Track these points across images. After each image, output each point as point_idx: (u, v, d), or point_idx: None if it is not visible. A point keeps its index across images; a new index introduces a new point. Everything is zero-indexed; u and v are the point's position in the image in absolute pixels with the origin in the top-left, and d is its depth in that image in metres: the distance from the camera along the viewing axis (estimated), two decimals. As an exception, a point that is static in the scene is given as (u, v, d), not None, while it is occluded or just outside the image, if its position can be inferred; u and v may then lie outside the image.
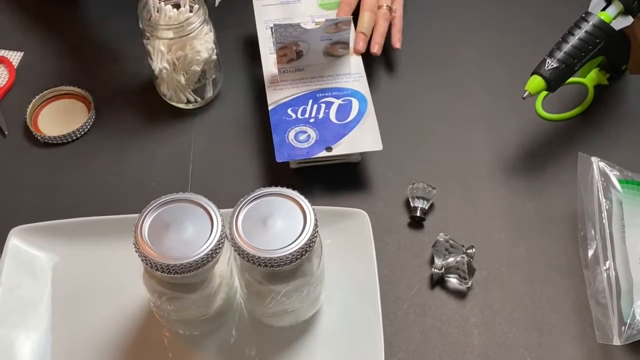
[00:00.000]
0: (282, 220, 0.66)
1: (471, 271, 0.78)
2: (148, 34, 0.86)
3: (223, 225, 0.67)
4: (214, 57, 0.90)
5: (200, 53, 0.87)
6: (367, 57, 0.92)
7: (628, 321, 0.73)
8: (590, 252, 0.78)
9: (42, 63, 0.99)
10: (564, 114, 0.92)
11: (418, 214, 0.83)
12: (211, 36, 0.89)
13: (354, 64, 0.90)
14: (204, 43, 0.88)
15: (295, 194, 0.68)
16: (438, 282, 0.79)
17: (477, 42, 0.99)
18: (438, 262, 0.79)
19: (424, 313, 0.77)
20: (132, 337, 0.75)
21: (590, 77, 0.94)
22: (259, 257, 0.64)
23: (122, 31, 0.99)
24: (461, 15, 1.02)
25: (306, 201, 0.67)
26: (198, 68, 0.88)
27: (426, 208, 0.83)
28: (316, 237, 0.67)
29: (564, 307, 0.77)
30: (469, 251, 0.79)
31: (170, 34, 0.85)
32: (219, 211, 0.67)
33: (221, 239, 0.66)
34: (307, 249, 0.66)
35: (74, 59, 0.99)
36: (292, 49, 0.89)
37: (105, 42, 1.00)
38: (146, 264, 0.65)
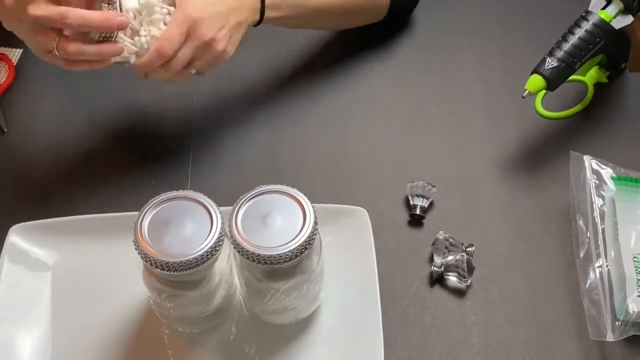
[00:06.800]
0: (282, 217, 0.66)
1: (470, 269, 0.78)
2: None
3: (222, 223, 0.67)
4: None
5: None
6: (363, 58, 0.92)
7: (621, 317, 0.73)
8: (583, 251, 0.78)
9: (42, 60, 0.98)
10: (564, 112, 0.92)
11: (418, 212, 0.83)
12: None
13: None
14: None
15: (294, 191, 0.68)
16: (437, 280, 0.79)
17: (477, 40, 0.99)
18: (437, 260, 0.79)
19: (424, 311, 0.77)
20: (131, 335, 0.75)
21: (590, 75, 0.94)
22: (258, 255, 0.64)
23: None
24: (461, 13, 1.02)
25: (306, 198, 0.68)
26: None
27: (426, 206, 0.83)
28: (316, 234, 0.67)
29: (562, 304, 0.77)
30: (468, 249, 0.79)
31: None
32: (218, 209, 0.67)
33: (221, 237, 0.66)
34: (307, 246, 0.66)
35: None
36: None
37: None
38: (146, 262, 0.65)
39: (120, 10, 0.74)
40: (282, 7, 0.84)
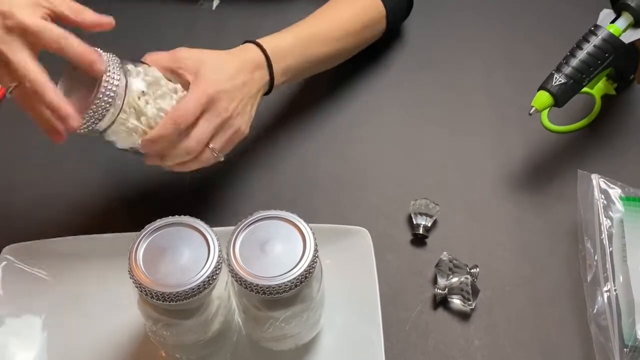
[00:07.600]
0: (281, 244, 0.65)
1: (475, 292, 0.76)
2: None
3: (220, 250, 0.65)
4: None
5: None
6: (363, 75, 0.89)
7: (629, 343, 0.71)
8: (590, 274, 0.76)
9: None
10: (571, 125, 0.90)
11: (421, 231, 0.81)
12: None
13: None
14: None
15: (294, 217, 0.66)
16: (441, 302, 0.77)
17: (483, 54, 0.97)
18: (441, 282, 0.77)
19: (427, 335, 0.75)
20: (127, 360, 0.74)
21: (597, 88, 0.91)
22: (257, 285, 0.63)
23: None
24: (467, 27, 1.00)
25: (306, 225, 0.66)
26: None
27: (429, 225, 0.81)
28: (316, 262, 0.65)
29: (568, 328, 0.75)
30: (472, 271, 0.77)
31: None
32: (216, 235, 0.65)
33: (218, 265, 0.64)
34: (307, 275, 0.64)
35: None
36: None
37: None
38: (141, 292, 0.63)
39: (125, 94, 0.69)
40: (291, 68, 0.81)
